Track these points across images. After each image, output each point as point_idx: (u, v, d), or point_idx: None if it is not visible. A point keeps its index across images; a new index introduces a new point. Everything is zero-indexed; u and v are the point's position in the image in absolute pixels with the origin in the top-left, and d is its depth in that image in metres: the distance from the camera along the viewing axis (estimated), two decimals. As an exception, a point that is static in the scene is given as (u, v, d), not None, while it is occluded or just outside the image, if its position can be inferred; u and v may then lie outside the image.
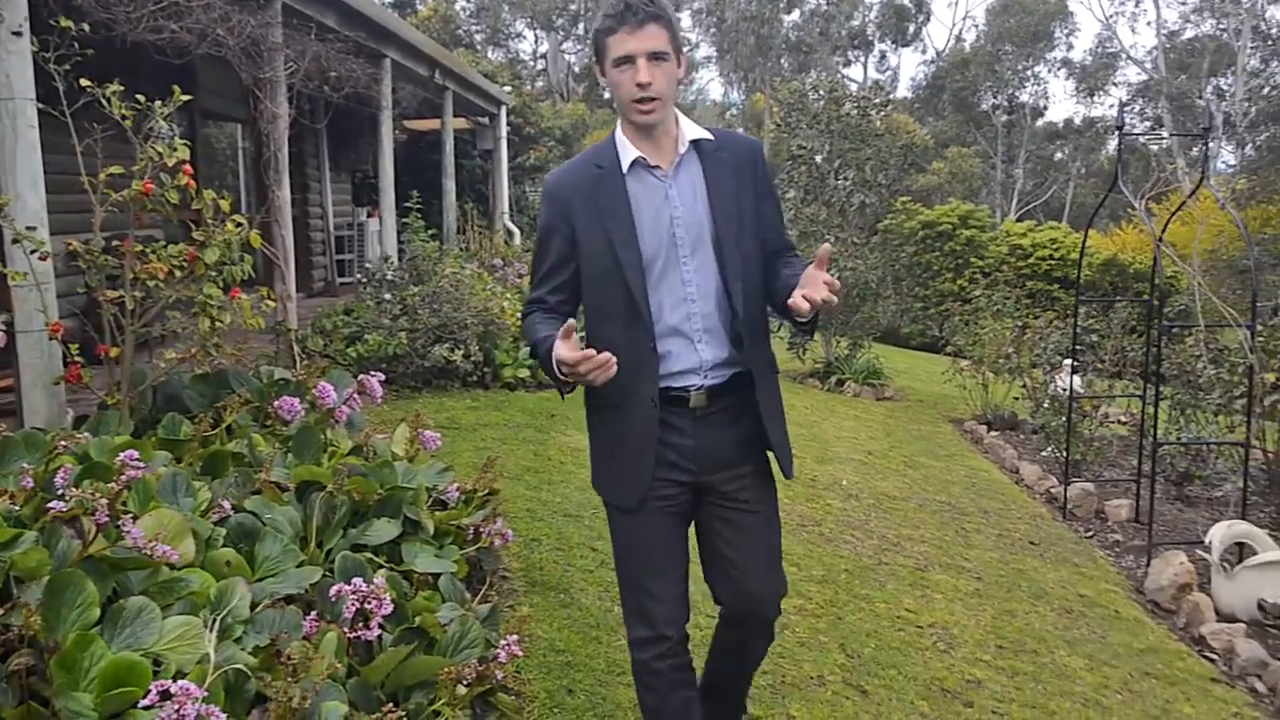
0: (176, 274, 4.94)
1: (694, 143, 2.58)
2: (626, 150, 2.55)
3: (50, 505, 2.78)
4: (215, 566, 3.00)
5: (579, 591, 4.42)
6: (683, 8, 49.16)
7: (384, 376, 5.09)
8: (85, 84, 4.68)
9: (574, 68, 50.40)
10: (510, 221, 16.37)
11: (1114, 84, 44.48)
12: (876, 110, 12.21)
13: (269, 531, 3.29)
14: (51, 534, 2.73)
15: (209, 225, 5.02)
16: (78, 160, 4.85)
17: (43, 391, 4.85)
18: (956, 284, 19.24)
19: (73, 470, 3.30)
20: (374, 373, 4.99)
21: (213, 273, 5.04)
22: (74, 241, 4.85)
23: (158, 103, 4.89)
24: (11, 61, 4.69)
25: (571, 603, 4.29)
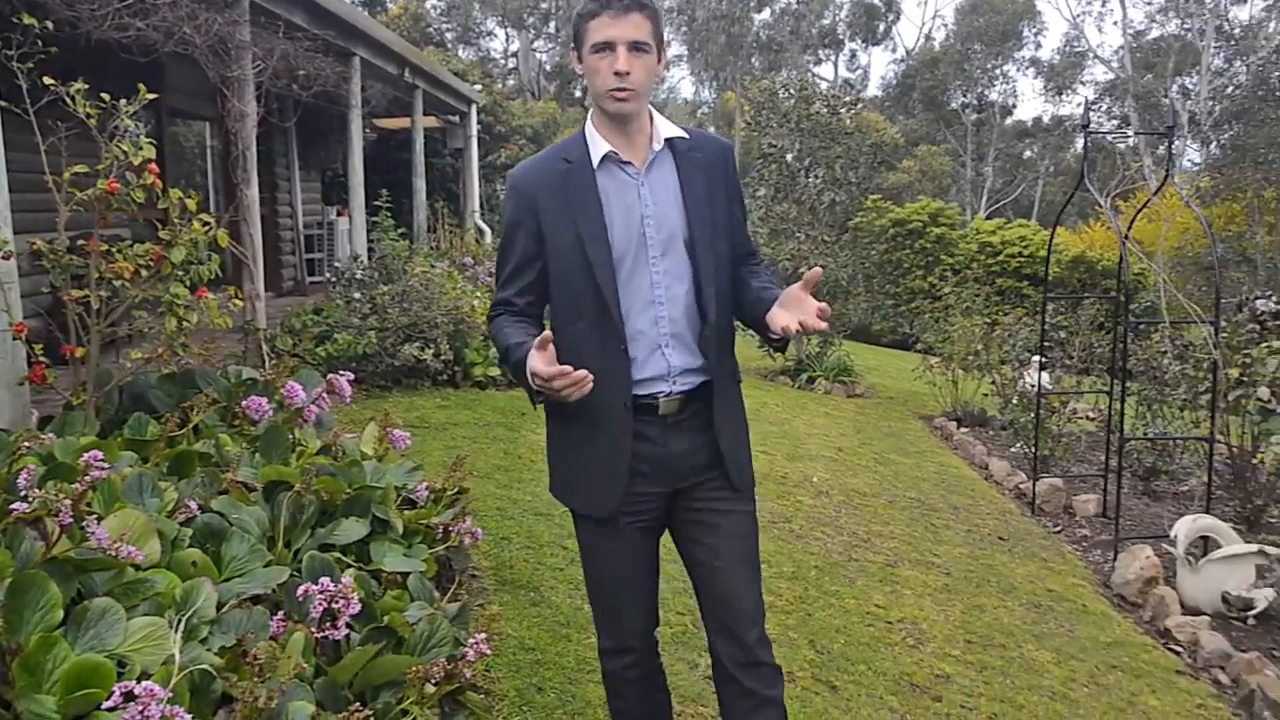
0: (143, 273, 4.91)
1: (668, 141, 2.49)
2: (598, 144, 2.44)
3: (13, 506, 2.75)
4: (181, 567, 2.98)
5: (549, 589, 4.42)
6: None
7: (353, 376, 5.07)
8: (49, 82, 4.64)
9: (545, 66, 50.43)
10: (481, 220, 16.34)
11: (1082, 83, 44.80)
12: (846, 109, 12.27)
13: (236, 532, 3.27)
14: (14, 535, 2.70)
15: (175, 224, 4.98)
16: (42, 159, 4.81)
17: (7, 392, 4.80)
18: (927, 281, 19.34)
19: (36, 471, 3.27)
20: (343, 372, 4.97)
21: (179, 272, 5.00)
22: (38, 241, 4.81)
23: (123, 101, 4.86)
24: (-27, 59, 4.64)
25: (541, 601, 4.29)
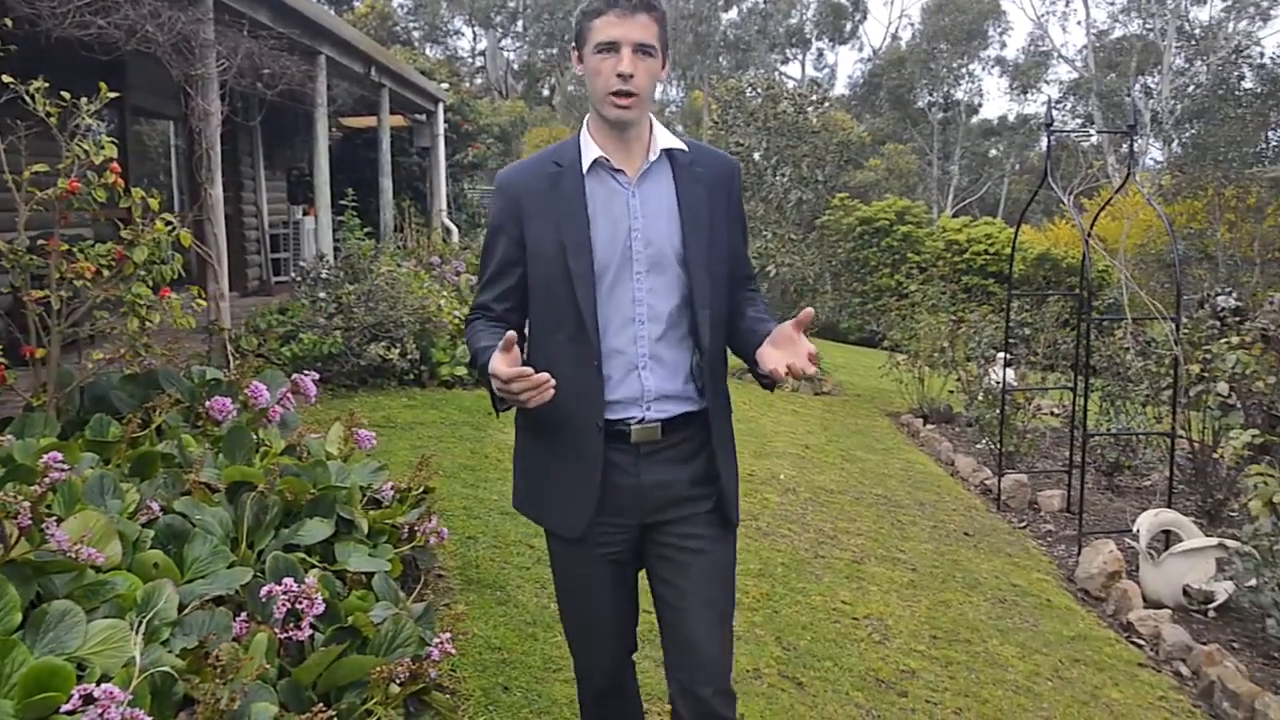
0: (104, 273, 4.85)
1: (666, 152, 2.35)
2: (590, 149, 2.32)
3: (-29, 509, 2.72)
4: (143, 569, 2.96)
5: (515, 589, 4.42)
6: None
7: (319, 375, 5.05)
8: (8, 80, 4.58)
9: (513, 65, 50.34)
10: (448, 219, 16.28)
11: (1046, 82, 45.17)
12: (813, 108, 12.32)
13: (199, 533, 3.25)
14: (-28, 538, 2.67)
15: (138, 224, 4.94)
16: (0, 158, 4.75)
17: (-34, 394, 4.75)
18: (894, 279, 19.42)
19: (-5, 473, 3.24)
20: (308, 372, 4.95)
21: (141, 272, 4.96)
22: (-3, 240, 4.76)
23: (83, 100, 4.81)
24: (-70, 57, 4.59)
25: (508, 600, 4.29)
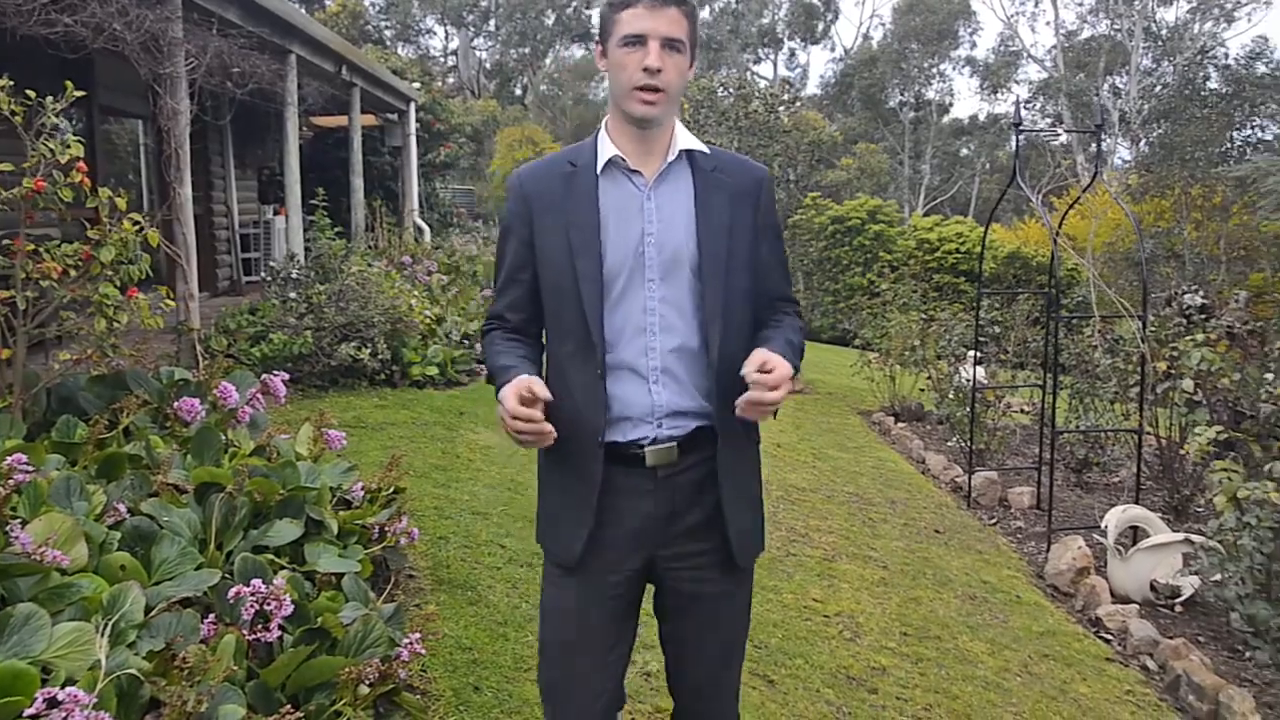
0: (71, 273, 4.81)
1: (686, 154, 2.23)
2: (606, 148, 2.20)
3: (-66, 512, 2.70)
4: (109, 571, 2.94)
5: (486, 589, 4.41)
6: (593, 5, 49.19)
7: (289, 376, 5.03)
8: (-29, 79, 4.54)
9: (485, 64, 50.24)
10: (420, 219, 16.24)
11: (1016, 82, 45.51)
12: (784, 107, 12.36)
13: (166, 534, 3.23)
14: (-65, 541, 2.65)
15: (105, 223, 4.90)
16: (-36, 157, 4.71)
17: (-70, 396, 4.70)
18: (866, 278, 19.49)
19: (-41, 476, 3.21)
20: (278, 372, 4.93)
21: (109, 272, 4.92)
22: (-39, 241, 4.71)
23: (49, 99, 4.76)
24: (-109, 55, 4.53)
25: (479, 600, 4.28)
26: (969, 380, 8.37)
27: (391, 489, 4.46)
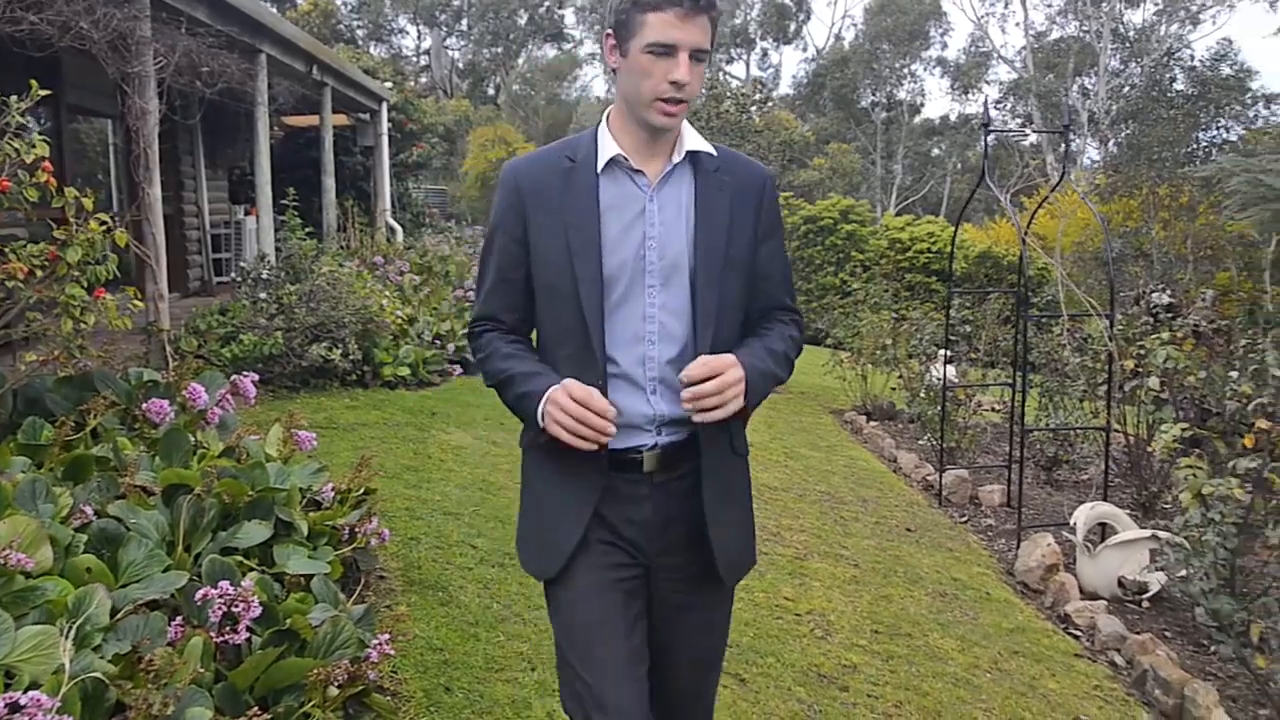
0: (37, 274, 4.77)
1: (690, 154, 2.14)
2: (608, 146, 2.10)
3: (-104, 515, 2.67)
4: (75, 574, 2.92)
5: (458, 589, 4.40)
6: (566, 4, 49.19)
7: (259, 377, 5.01)
8: (-66, 77, 4.50)
9: (458, 64, 50.10)
10: (392, 219, 16.19)
11: (987, 82, 45.77)
12: (756, 107, 12.39)
13: (133, 536, 3.21)
14: (-103, 545, 2.63)
15: (72, 224, 4.86)
16: (-73, 157, 4.65)
17: (-107, 398, 4.65)
18: (838, 278, 19.57)
19: (-78, 479, 3.18)
20: (247, 373, 4.90)
21: (75, 272, 4.87)
22: (-75, 241, 4.66)
23: (13, 98, 4.72)
24: None
25: (450, 600, 4.27)
26: (940, 379, 8.42)
27: (362, 490, 4.45)
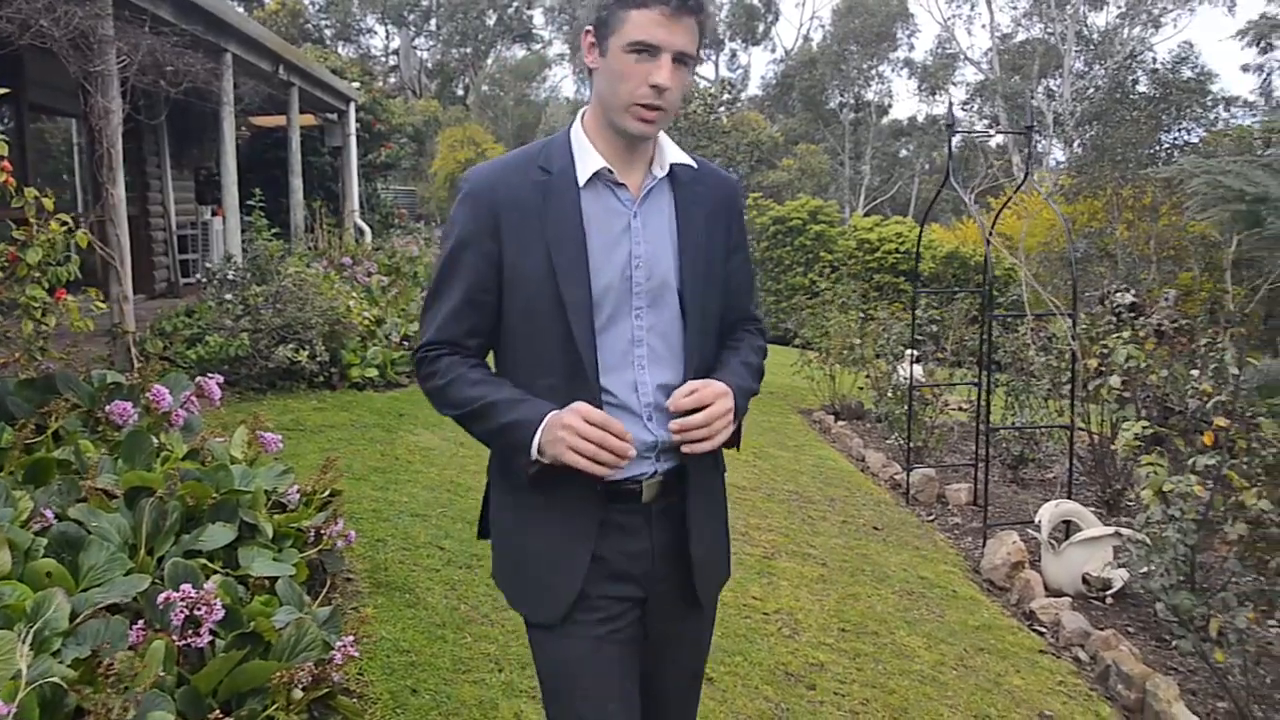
0: (-3, 275, 4.73)
1: (670, 168, 2.01)
2: (589, 158, 1.94)
3: None
4: (34, 578, 2.89)
5: (425, 591, 4.39)
6: (535, 5, 49.10)
7: (225, 378, 4.97)
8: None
9: (427, 64, 49.90)
10: (361, 220, 16.12)
11: (954, 83, 46.15)
12: (724, 108, 12.40)
13: (95, 540, 3.18)
14: None
15: (32, 224, 4.81)
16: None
17: None
18: (807, 278, 19.63)
19: (-122, 482, 3.14)
20: (212, 375, 4.87)
21: (36, 273, 4.83)
22: (-118, 242, 4.60)
23: (-29, 97, 4.68)
24: None
25: (417, 602, 4.26)
26: (907, 379, 8.46)
27: (328, 491, 4.43)
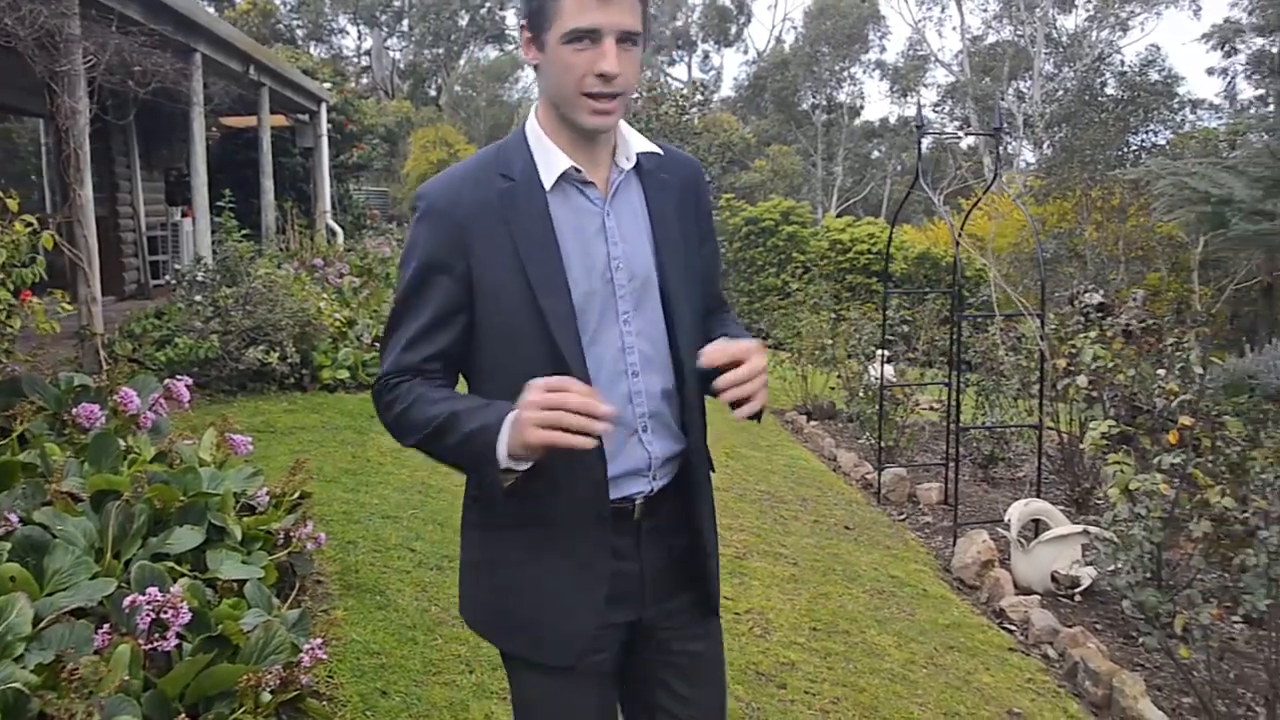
0: (-40, 277, 4.69)
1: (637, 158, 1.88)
2: (552, 158, 1.79)
3: None
4: (-2, 582, 2.86)
5: (395, 593, 4.37)
6: (507, 6, 48.97)
7: (195, 380, 4.94)
8: None
9: (399, 64, 49.73)
10: (332, 221, 16.04)
11: (925, 85, 46.37)
12: (696, 109, 12.43)
13: (60, 544, 3.15)
14: None
15: (-5, 226, 4.77)
16: None
17: None
18: (779, 279, 19.66)
19: None
20: (181, 377, 4.84)
21: (0, 275, 4.79)
22: None
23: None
24: None
25: (388, 604, 4.25)
26: (878, 379, 8.50)
27: (298, 493, 4.41)
